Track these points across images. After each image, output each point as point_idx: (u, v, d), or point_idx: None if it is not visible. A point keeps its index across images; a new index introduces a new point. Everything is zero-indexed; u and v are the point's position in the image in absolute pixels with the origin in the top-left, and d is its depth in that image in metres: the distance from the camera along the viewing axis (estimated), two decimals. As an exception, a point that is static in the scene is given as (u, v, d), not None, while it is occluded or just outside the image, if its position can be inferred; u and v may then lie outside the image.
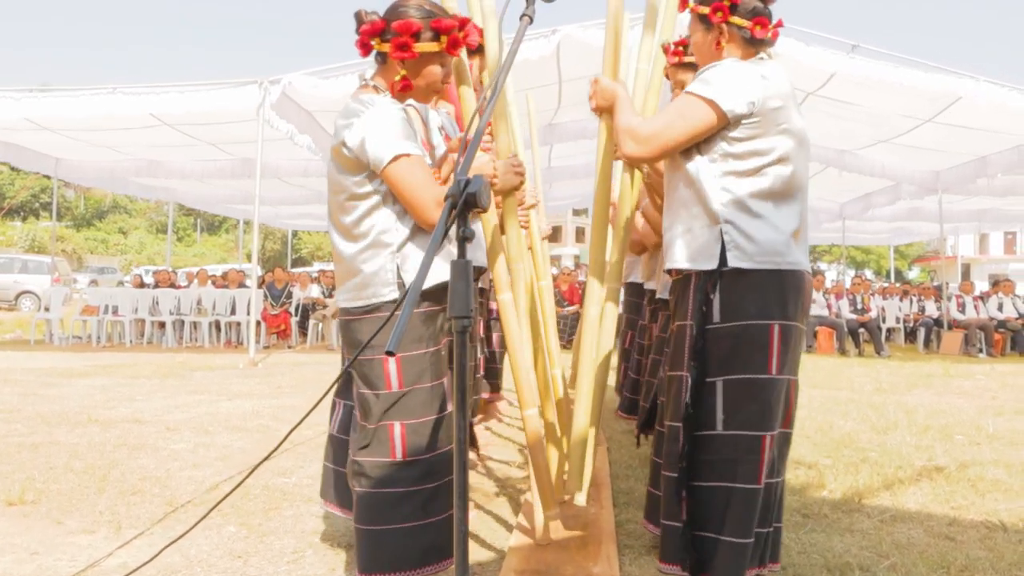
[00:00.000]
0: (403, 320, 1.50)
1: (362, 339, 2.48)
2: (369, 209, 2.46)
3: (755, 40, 2.60)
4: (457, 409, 1.68)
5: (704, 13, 2.63)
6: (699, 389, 2.48)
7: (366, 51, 2.56)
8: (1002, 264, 50.09)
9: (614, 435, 5.81)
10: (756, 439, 2.42)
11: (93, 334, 14.68)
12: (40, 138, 13.48)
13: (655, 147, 2.51)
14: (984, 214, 19.59)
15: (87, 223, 52.19)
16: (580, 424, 3.05)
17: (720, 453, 2.45)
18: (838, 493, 4.26)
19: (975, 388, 9.29)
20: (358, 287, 2.48)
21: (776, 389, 2.44)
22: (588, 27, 9.93)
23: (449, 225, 1.67)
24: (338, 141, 2.46)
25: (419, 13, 2.50)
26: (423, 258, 1.68)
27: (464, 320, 1.64)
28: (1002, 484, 4.48)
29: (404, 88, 2.54)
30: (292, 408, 6.98)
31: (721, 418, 2.44)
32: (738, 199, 2.44)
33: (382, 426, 2.45)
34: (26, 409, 6.80)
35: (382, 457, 2.45)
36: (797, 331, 2.50)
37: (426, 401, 2.47)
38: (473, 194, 1.65)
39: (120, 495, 4.12)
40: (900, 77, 10.12)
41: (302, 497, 4.10)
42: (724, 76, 2.46)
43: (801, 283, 2.50)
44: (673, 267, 2.60)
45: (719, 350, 2.46)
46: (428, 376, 2.48)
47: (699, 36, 2.69)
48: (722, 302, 2.45)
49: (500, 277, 3.00)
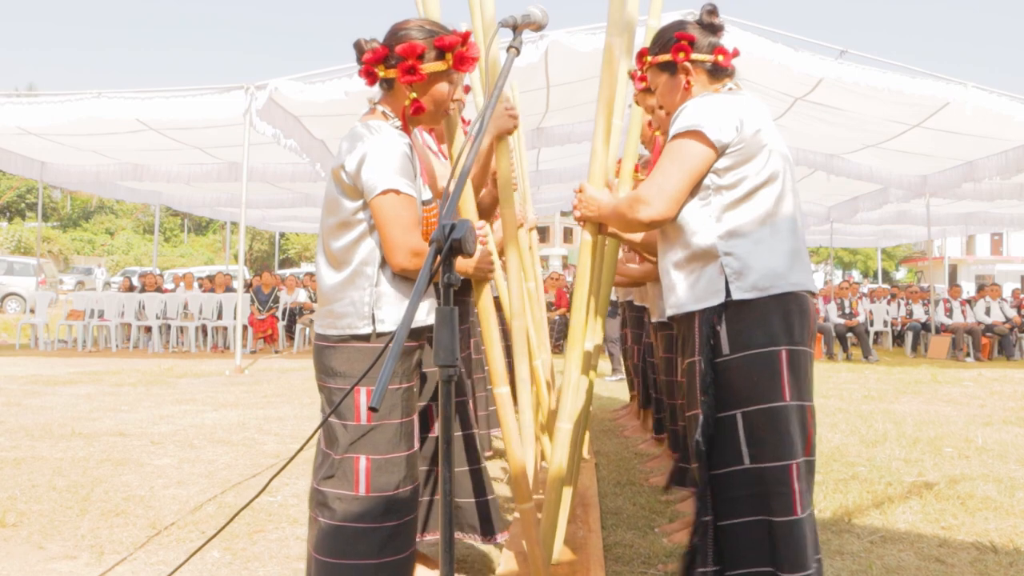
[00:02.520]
0: (385, 375, 1.46)
1: (334, 366, 2.45)
2: (357, 238, 2.42)
3: (719, 69, 2.61)
4: (443, 462, 1.64)
5: (666, 60, 2.63)
6: (718, 425, 2.43)
7: (372, 80, 2.51)
8: (989, 265, 50.33)
9: (602, 449, 5.78)
10: (783, 469, 2.35)
11: (79, 339, 14.58)
12: (25, 142, 13.38)
13: (666, 200, 2.43)
14: (971, 217, 19.65)
15: (73, 224, 51.95)
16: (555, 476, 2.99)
17: (751, 487, 2.37)
18: (827, 512, 4.23)
19: (963, 395, 9.30)
20: (335, 315, 2.44)
21: (790, 415, 2.39)
22: (575, 32, 9.96)
23: (434, 272, 1.63)
24: (338, 164, 2.42)
25: (421, 34, 2.46)
26: (406, 307, 1.63)
27: (450, 369, 1.60)
28: (992, 502, 4.46)
29: (416, 111, 2.49)
30: (278, 420, 6.92)
31: (747, 452, 2.38)
32: (734, 229, 2.40)
33: (348, 458, 2.41)
34: (9, 421, 6.72)
35: (345, 490, 2.41)
36: (806, 355, 2.45)
37: (393, 437, 2.43)
38: (458, 240, 1.61)
39: (103, 516, 4.06)
40: (888, 83, 10.12)
41: (287, 518, 4.06)
42: (700, 111, 2.43)
43: (805, 305, 2.45)
44: (679, 312, 2.55)
45: (732, 382, 2.40)
46: (398, 412, 2.44)
47: (665, 83, 2.68)
48: (729, 333, 2.40)
49: (496, 369, 2.95)
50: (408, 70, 2.41)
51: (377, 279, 2.41)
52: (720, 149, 2.40)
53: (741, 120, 2.41)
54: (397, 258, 2.36)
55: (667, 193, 2.42)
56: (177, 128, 12.27)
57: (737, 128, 2.39)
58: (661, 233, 2.61)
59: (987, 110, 10.40)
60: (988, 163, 12.94)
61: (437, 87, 2.50)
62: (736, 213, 2.42)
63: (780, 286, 2.40)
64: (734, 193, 2.42)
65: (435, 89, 2.49)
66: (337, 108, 10.57)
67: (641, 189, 2.48)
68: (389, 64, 2.46)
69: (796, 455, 2.37)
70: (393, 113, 2.53)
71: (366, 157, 2.35)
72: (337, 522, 2.40)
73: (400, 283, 2.43)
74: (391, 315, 2.40)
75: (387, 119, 2.51)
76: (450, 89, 2.53)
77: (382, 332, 2.40)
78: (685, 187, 2.43)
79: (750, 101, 2.51)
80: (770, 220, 2.43)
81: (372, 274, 2.41)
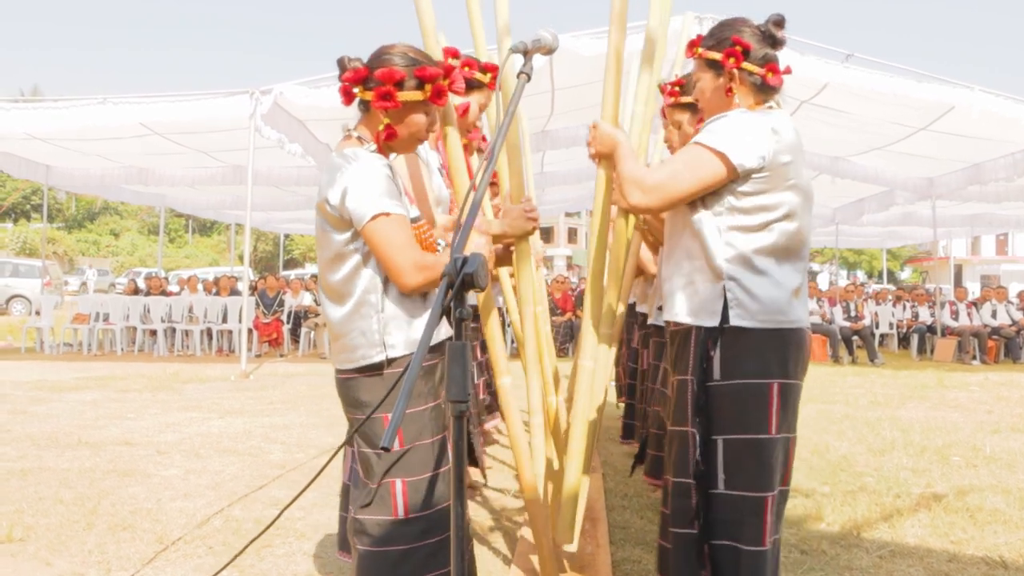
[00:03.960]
0: (397, 415, 1.45)
1: (360, 397, 2.43)
2: (353, 268, 2.39)
3: (766, 87, 2.54)
4: (455, 498, 1.63)
5: (715, 59, 2.55)
6: (704, 446, 2.43)
7: (349, 99, 2.49)
8: (994, 265, 50.17)
9: (610, 459, 5.76)
10: (759, 500, 2.37)
11: (84, 342, 14.59)
12: (31, 146, 13.38)
13: (661, 198, 2.43)
14: (977, 219, 19.59)
15: (79, 225, 52.00)
16: (571, 480, 2.98)
17: (724, 512, 2.40)
18: (836, 526, 4.22)
19: (970, 400, 9.28)
20: (348, 349, 2.42)
21: (775, 448, 2.40)
22: (580, 36, 9.97)
23: (446, 306, 1.61)
24: (321, 198, 2.39)
25: (403, 61, 2.43)
26: (418, 343, 1.61)
27: (461, 405, 1.59)
28: (1001, 514, 4.44)
29: (388, 137, 2.46)
30: (284, 428, 6.92)
31: (722, 478, 2.40)
32: (742, 255, 2.39)
33: (385, 484, 2.40)
34: (16, 429, 6.73)
35: (384, 515, 2.39)
36: (796, 388, 2.46)
37: (426, 457, 2.42)
38: (470, 274, 1.60)
39: (110, 530, 4.06)
40: (894, 87, 10.10)
41: (295, 533, 4.05)
42: (735, 128, 2.38)
43: (802, 341, 2.45)
44: (674, 320, 2.54)
45: (720, 408, 2.41)
46: (428, 432, 2.43)
47: (708, 82, 2.60)
48: (722, 359, 2.40)
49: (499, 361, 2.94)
50: (384, 96, 2.38)
51: (382, 305, 2.39)
52: (742, 174, 2.37)
53: (773, 150, 2.37)
54: (404, 279, 2.33)
55: (668, 193, 2.42)
56: (182, 132, 12.26)
57: (764, 157, 2.36)
58: (669, 237, 2.60)
59: (993, 113, 10.36)
60: (995, 165, 12.90)
61: (412, 116, 2.46)
62: (748, 240, 2.40)
63: (779, 321, 2.40)
64: (750, 219, 2.40)
65: (410, 118, 2.46)
66: (343, 112, 10.53)
67: (647, 176, 2.46)
68: (367, 86, 2.43)
69: (773, 487, 2.41)
70: (369, 136, 2.49)
71: (348, 187, 2.33)
72: (378, 548, 2.39)
73: (405, 305, 2.41)
74: (401, 339, 2.38)
75: (362, 143, 2.47)
76: (427, 120, 2.49)
77: (394, 357, 2.38)
78: (688, 195, 2.42)
79: (786, 128, 2.44)
80: (780, 255, 2.42)
81: (376, 301, 2.39)
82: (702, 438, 2.43)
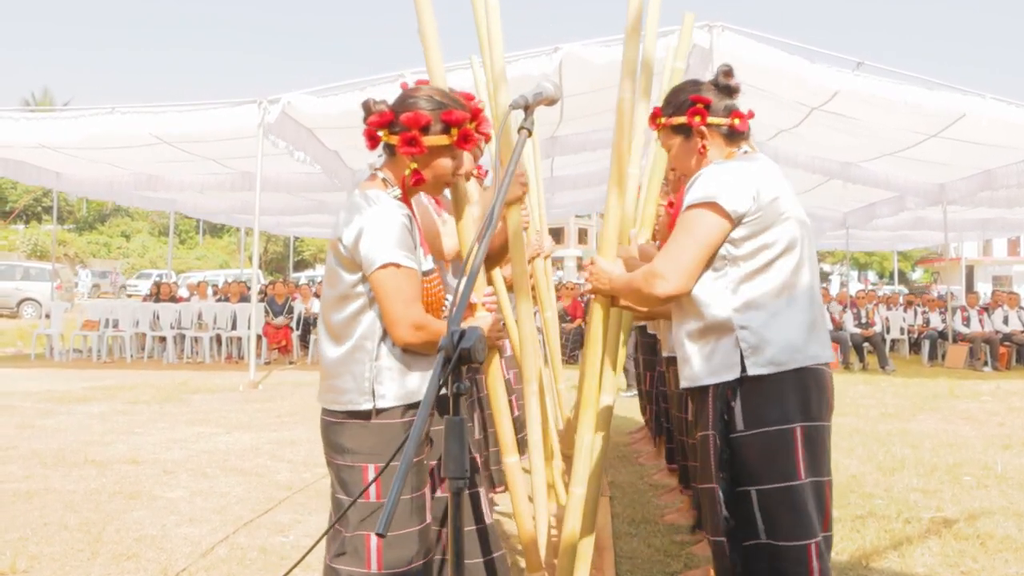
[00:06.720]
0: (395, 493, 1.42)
1: (343, 443, 2.39)
2: (356, 311, 2.37)
3: (735, 134, 2.56)
4: (454, 569, 1.60)
5: (680, 123, 2.59)
6: (735, 498, 2.39)
7: (374, 144, 2.45)
8: (1006, 266, 49.95)
9: (617, 479, 5.73)
10: (801, 549, 2.32)
11: (94, 349, 14.62)
12: (41, 154, 13.41)
13: (682, 275, 2.39)
14: (988, 223, 19.49)
15: (89, 227, 52.10)
16: (571, 530, 2.93)
17: (769, 562, 2.35)
18: (845, 555, 4.17)
19: (981, 411, 9.21)
20: (336, 391, 2.39)
21: (806, 494, 2.35)
22: (589, 45, 10.02)
23: (442, 382, 1.58)
24: (336, 236, 2.37)
25: (429, 104, 2.38)
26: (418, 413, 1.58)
27: (459, 482, 1.56)
28: (1012, 541, 4.39)
29: (416, 183, 2.42)
30: (292, 444, 6.90)
31: (762, 528, 2.35)
32: (750, 301, 2.36)
33: (358, 536, 2.36)
34: (22, 446, 6.73)
35: (357, 568, 2.35)
36: (822, 430, 2.41)
37: (404, 513, 2.36)
38: (467, 349, 1.57)
39: (114, 559, 4.05)
40: (904, 95, 10.04)
41: (304, 566, 4.02)
42: (715, 179, 2.39)
43: (822, 380, 2.41)
44: (695, 386, 2.50)
45: (747, 458, 2.37)
46: (408, 488, 2.38)
47: (679, 147, 2.64)
48: (744, 410, 2.36)
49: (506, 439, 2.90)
50: (409, 141, 2.34)
51: (377, 353, 2.36)
52: (736, 219, 2.35)
53: (758, 189, 2.36)
54: (399, 332, 2.31)
55: (683, 267, 2.38)
56: (190, 141, 12.29)
57: (754, 197, 2.35)
58: (676, 304, 2.56)
59: (1004, 121, 10.31)
60: (1006, 172, 12.84)
61: (439, 161, 2.42)
62: (752, 284, 2.37)
63: (797, 360, 2.35)
64: (751, 264, 2.37)
65: (437, 163, 2.42)
66: (351, 120, 10.56)
67: (656, 263, 2.43)
68: (392, 130, 2.39)
69: (814, 534, 2.34)
70: (394, 180, 2.45)
71: (364, 231, 2.30)
72: None
73: (400, 357, 2.37)
74: (391, 390, 2.35)
75: (386, 187, 2.44)
76: (453, 164, 2.45)
77: (382, 408, 2.34)
78: (701, 260, 2.38)
79: (766, 167, 2.47)
80: (787, 291, 2.38)
81: (372, 348, 2.36)
82: (726, 495, 2.39)
